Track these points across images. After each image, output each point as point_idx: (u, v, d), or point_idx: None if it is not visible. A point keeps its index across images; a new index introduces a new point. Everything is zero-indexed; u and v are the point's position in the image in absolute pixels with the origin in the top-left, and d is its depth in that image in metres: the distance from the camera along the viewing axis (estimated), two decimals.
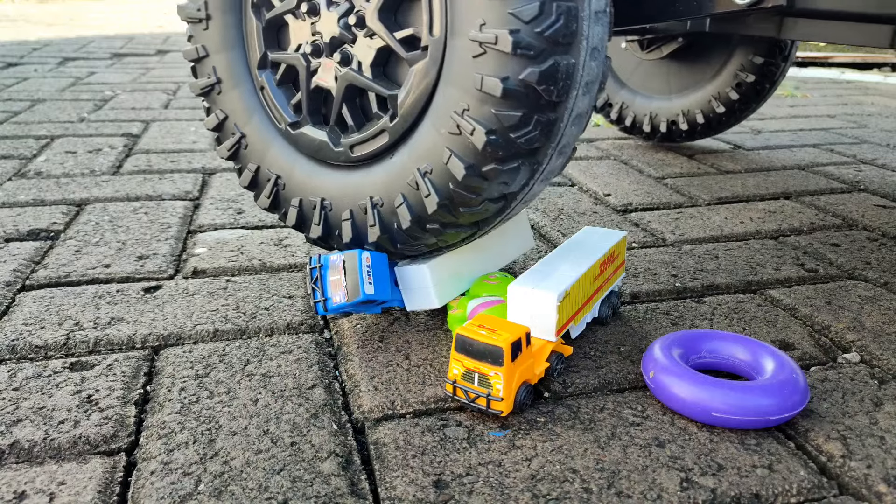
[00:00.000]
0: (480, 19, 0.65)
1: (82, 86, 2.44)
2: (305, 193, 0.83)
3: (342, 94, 0.78)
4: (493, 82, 0.65)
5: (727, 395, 0.63)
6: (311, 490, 0.56)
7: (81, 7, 6.82)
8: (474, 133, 0.68)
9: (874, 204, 1.32)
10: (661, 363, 0.68)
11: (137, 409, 0.67)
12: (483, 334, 0.65)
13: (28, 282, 0.93)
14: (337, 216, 0.81)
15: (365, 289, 0.76)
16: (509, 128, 0.67)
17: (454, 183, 0.71)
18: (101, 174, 1.42)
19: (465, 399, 0.65)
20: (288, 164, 0.85)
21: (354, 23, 0.75)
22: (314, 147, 0.81)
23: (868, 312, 0.88)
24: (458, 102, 0.68)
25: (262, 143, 0.86)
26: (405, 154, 0.74)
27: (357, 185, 0.79)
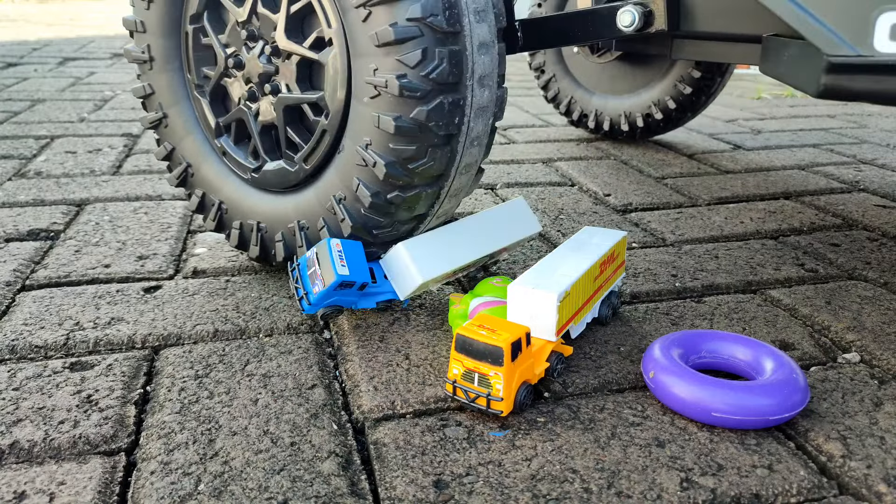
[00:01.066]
0: (373, 65, 0.74)
1: (82, 86, 2.44)
2: (244, 217, 0.93)
3: (283, 118, 0.85)
4: (388, 121, 0.73)
5: (727, 395, 0.63)
6: (311, 490, 0.56)
7: (81, 7, 6.82)
8: (376, 165, 0.76)
9: (874, 204, 1.32)
10: (661, 363, 0.68)
11: (137, 409, 0.67)
12: (483, 334, 0.65)
13: (28, 282, 0.93)
14: (270, 237, 0.91)
15: (338, 270, 0.77)
16: (406, 160, 0.76)
17: (363, 209, 0.80)
18: (101, 174, 1.42)
19: (465, 399, 0.65)
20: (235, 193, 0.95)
21: (270, 52, 0.83)
22: (277, 178, 0.88)
23: (868, 312, 0.88)
24: (363, 137, 0.77)
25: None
26: (332, 174, 0.83)
27: (287, 207, 0.88)
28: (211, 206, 0.96)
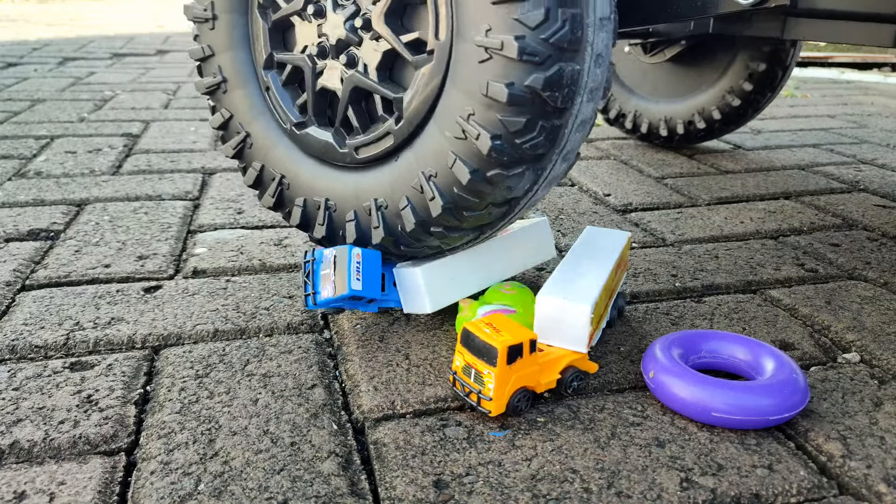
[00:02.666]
0: (486, 24, 0.65)
1: (82, 86, 2.44)
2: (310, 193, 0.84)
3: (348, 96, 0.78)
4: (499, 88, 0.65)
5: (727, 395, 0.63)
6: (311, 490, 0.56)
7: (81, 7, 6.82)
8: (479, 138, 0.68)
9: (874, 204, 1.32)
10: (661, 363, 0.68)
11: (137, 409, 0.67)
12: (486, 332, 0.65)
13: (28, 282, 0.93)
14: (341, 217, 0.82)
15: (352, 284, 0.76)
16: (514, 133, 0.67)
17: (458, 187, 0.71)
18: (101, 174, 1.42)
19: (461, 392, 0.66)
20: (293, 164, 0.86)
21: (360, 25, 0.75)
22: (319, 148, 0.82)
23: (868, 312, 0.88)
24: (464, 107, 0.69)
25: (267, 143, 0.87)
26: (410, 157, 0.75)
27: (361, 186, 0.79)
28: (270, 180, 0.88)
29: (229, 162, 1.54)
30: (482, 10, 0.66)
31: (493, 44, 0.65)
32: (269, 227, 1.15)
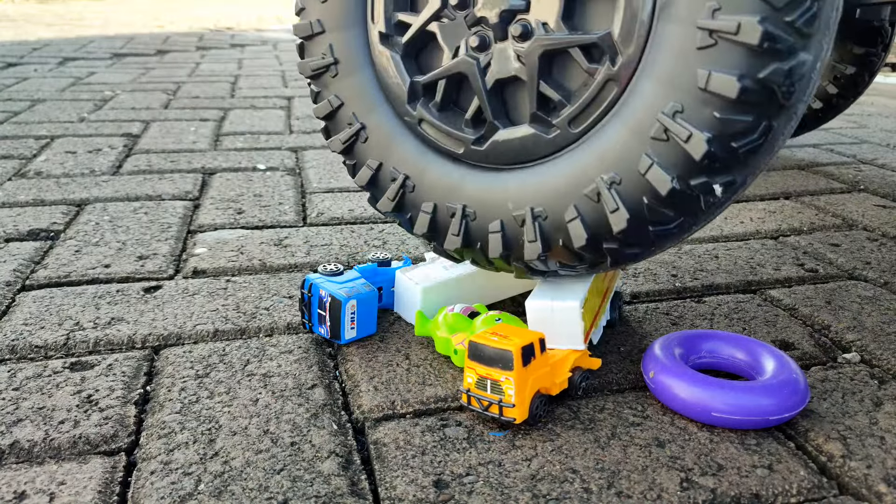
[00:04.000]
0: (714, 1, 0.54)
1: (82, 86, 2.44)
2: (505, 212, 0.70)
3: (537, 69, 0.65)
4: (726, 81, 0.54)
5: (727, 395, 0.63)
6: (311, 490, 0.56)
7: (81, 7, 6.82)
8: (690, 140, 0.57)
9: (874, 204, 1.32)
10: (662, 363, 0.68)
11: (137, 409, 0.67)
12: (495, 340, 0.64)
13: (28, 282, 0.93)
14: (557, 220, 0.66)
15: (346, 334, 0.77)
16: (734, 135, 0.57)
17: (652, 198, 0.61)
18: (101, 174, 1.42)
19: (479, 408, 0.64)
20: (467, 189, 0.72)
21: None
22: (517, 148, 0.68)
23: (868, 312, 0.88)
24: (669, 100, 0.58)
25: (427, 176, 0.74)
26: (632, 107, 0.61)
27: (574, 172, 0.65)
28: (391, 181, 0.76)
29: (229, 162, 1.54)
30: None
31: (724, 27, 0.54)
32: (270, 227, 1.15)
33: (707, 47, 0.55)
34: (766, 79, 0.54)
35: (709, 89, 0.55)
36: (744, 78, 0.54)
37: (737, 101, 0.55)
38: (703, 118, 0.56)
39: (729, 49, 0.54)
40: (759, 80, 0.54)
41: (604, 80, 0.61)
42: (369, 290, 0.78)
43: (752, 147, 0.58)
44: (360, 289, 0.78)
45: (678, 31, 0.56)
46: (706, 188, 0.59)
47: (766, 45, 0.53)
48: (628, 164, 0.60)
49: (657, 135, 0.58)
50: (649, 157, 0.59)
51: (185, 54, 3.39)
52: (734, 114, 0.56)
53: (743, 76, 0.54)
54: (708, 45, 0.55)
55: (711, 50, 0.55)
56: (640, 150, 0.60)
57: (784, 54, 0.54)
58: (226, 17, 5.98)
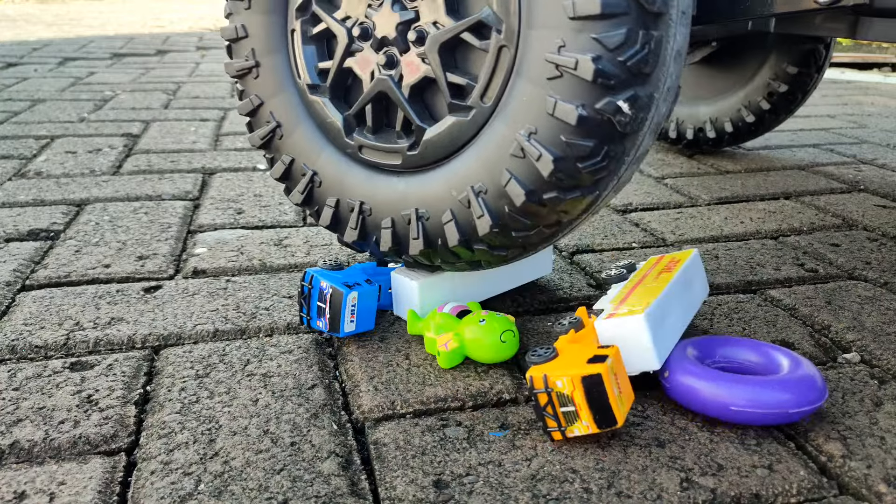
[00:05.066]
0: (559, 40, 0.62)
1: (82, 86, 2.44)
2: (345, 193, 0.81)
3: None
4: (568, 109, 0.63)
5: (746, 389, 0.63)
6: (311, 490, 0.56)
7: (81, 7, 6.82)
8: (540, 159, 0.65)
9: (874, 204, 1.32)
10: (677, 363, 0.67)
11: (137, 409, 0.67)
12: (616, 394, 0.61)
13: (28, 282, 0.93)
14: (436, 222, 0.76)
15: (345, 327, 0.77)
16: (578, 158, 0.65)
17: (510, 208, 0.69)
18: (101, 174, 1.42)
19: (544, 411, 0.62)
20: None
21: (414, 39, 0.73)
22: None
23: (868, 312, 0.88)
24: (526, 123, 0.66)
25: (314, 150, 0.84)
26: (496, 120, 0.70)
27: (451, 178, 0.74)
28: (301, 175, 0.85)
29: (229, 162, 1.54)
30: (555, 24, 0.62)
31: (565, 62, 0.62)
32: (269, 227, 1.15)
33: (555, 78, 0.63)
34: (602, 109, 0.63)
35: (555, 115, 0.64)
36: (582, 107, 0.63)
37: (577, 126, 0.63)
38: (552, 141, 0.65)
39: (570, 81, 0.63)
40: (596, 109, 0.63)
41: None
42: (371, 284, 0.79)
43: (596, 167, 0.66)
44: (361, 283, 0.78)
45: (536, 61, 0.64)
46: (556, 202, 0.68)
47: (600, 80, 0.61)
48: (494, 176, 0.69)
49: (515, 152, 0.67)
50: (508, 172, 0.68)
51: (185, 54, 3.39)
52: (578, 138, 0.64)
53: (582, 105, 0.63)
54: (555, 77, 0.63)
55: (558, 81, 0.63)
56: (503, 165, 0.68)
57: (615, 89, 0.62)
58: None
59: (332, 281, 0.77)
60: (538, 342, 0.80)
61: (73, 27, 4.68)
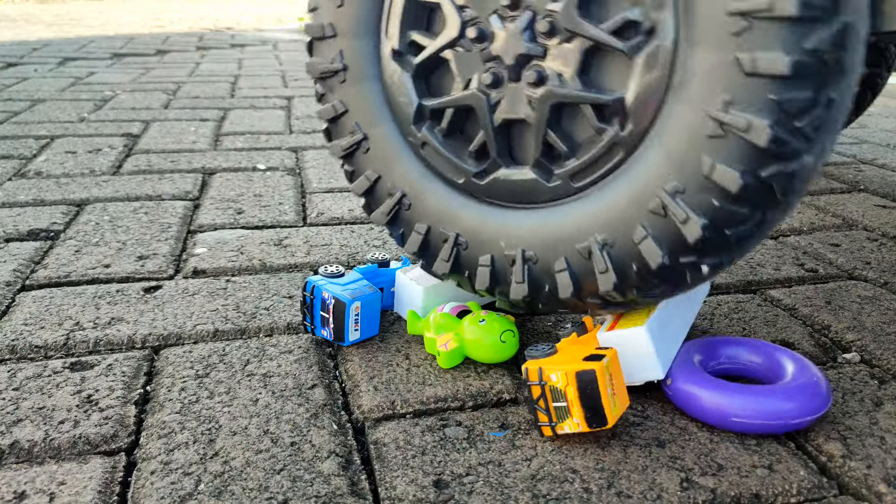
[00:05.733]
0: (728, 95, 0.54)
1: (82, 86, 2.44)
2: (497, 247, 0.70)
3: (546, 117, 0.65)
4: (729, 175, 0.55)
5: (747, 399, 0.62)
6: (311, 490, 0.56)
7: (81, 7, 6.82)
8: (687, 223, 0.58)
9: (874, 204, 1.32)
10: (679, 370, 0.67)
11: (137, 409, 0.67)
12: (609, 395, 0.61)
13: (28, 282, 0.93)
14: (546, 268, 0.67)
15: (350, 336, 0.77)
16: (729, 223, 0.58)
17: (643, 269, 0.61)
18: (101, 174, 1.42)
19: (536, 405, 0.62)
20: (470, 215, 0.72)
21: (547, 30, 0.64)
22: (516, 189, 0.69)
23: (868, 312, 0.88)
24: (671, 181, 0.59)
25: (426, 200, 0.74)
26: (638, 174, 0.61)
27: (571, 224, 0.66)
28: (388, 196, 0.76)
29: (229, 162, 1.54)
30: (727, 79, 0.54)
31: (734, 122, 0.54)
32: (269, 227, 1.15)
33: (716, 137, 0.55)
34: (768, 178, 0.55)
35: (712, 178, 0.56)
36: (745, 174, 0.55)
37: (738, 194, 0.56)
38: (702, 205, 0.57)
39: (735, 144, 0.55)
40: (762, 177, 0.55)
41: (610, 142, 0.62)
42: (372, 291, 0.78)
43: (744, 236, 0.59)
44: (363, 290, 0.78)
45: (691, 116, 0.56)
46: (694, 267, 0.61)
47: (773, 148, 0.54)
48: (623, 231, 0.62)
49: (655, 209, 0.59)
50: (644, 229, 0.60)
51: (185, 54, 3.39)
52: (734, 205, 0.57)
53: (745, 172, 0.55)
54: (717, 136, 0.55)
55: (719, 141, 0.55)
56: (637, 221, 0.61)
57: (787, 158, 0.55)
58: (226, 16, 5.98)
59: (334, 291, 0.76)
60: (538, 342, 0.80)
61: (73, 27, 4.68)
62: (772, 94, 0.53)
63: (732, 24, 0.53)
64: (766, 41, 0.52)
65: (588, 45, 0.62)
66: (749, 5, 0.52)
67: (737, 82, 0.54)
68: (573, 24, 0.61)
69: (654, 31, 0.58)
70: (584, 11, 0.62)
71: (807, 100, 0.53)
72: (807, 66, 0.52)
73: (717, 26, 0.54)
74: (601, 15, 0.61)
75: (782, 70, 0.52)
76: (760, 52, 0.52)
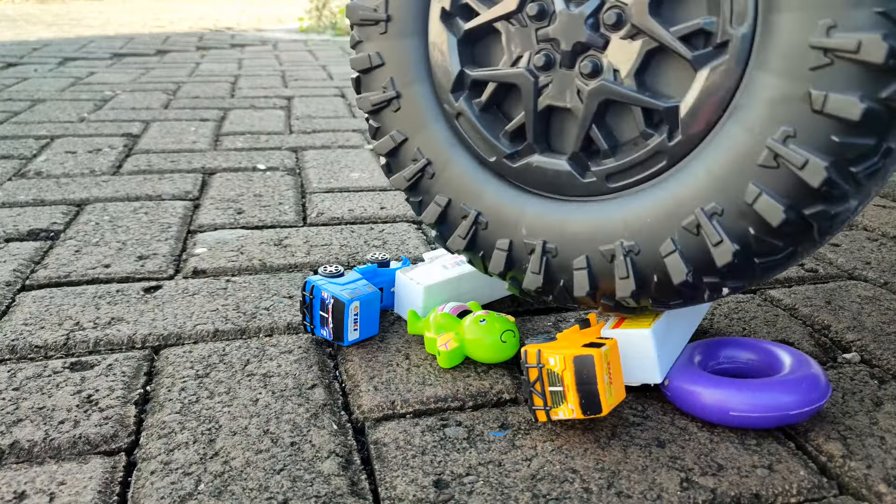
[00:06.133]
0: (789, 126, 0.53)
1: (82, 86, 2.44)
2: (518, 235, 0.69)
3: (593, 112, 0.63)
4: (773, 208, 0.54)
5: (744, 392, 0.62)
6: (311, 490, 0.56)
7: (81, 7, 6.82)
8: (720, 246, 0.57)
9: (874, 204, 1.32)
10: (676, 369, 0.67)
11: (137, 409, 0.67)
12: (606, 383, 0.61)
13: (28, 282, 0.93)
14: (564, 263, 0.66)
15: (349, 336, 0.77)
16: (766, 252, 0.57)
17: (663, 288, 0.61)
18: (101, 174, 1.42)
19: (533, 389, 0.62)
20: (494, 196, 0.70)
21: (613, 22, 0.60)
22: (547, 178, 0.67)
23: (868, 312, 0.88)
24: (712, 201, 0.57)
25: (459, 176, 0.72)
26: (679, 185, 0.59)
27: (599, 224, 0.64)
28: (411, 161, 0.73)
29: (229, 162, 1.54)
30: (794, 113, 0.52)
31: (790, 156, 0.52)
32: (269, 227, 1.15)
33: (769, 168, 0.54)
34: (812, 216, 0.55)
35: (755, 207, 0.55)
36: (790, 210, 0.54)
37: (778, 228, 0.55)
38: (739, 231, 0.56)
39: (786, 177, 0.54)
40: (804, 215, 0.54)
41: (655, 149, 0.60)
42: (372, 291, 0.78)
43: (771, 265, 0.58)
44: (362, 290, 0.78)
45: (745, 140, 0.55)
46: (715, 287, 0.60)
47: (827, 188, 0.53)
48: (651, 241, 0.60)
49: (689, 226, 0.58)
50: (676, 244, 0.59)
51: (185, 54, 3.39)
52: (772, 238, 0.56)
53: (790, 208, 0.54)
54: (770, 167, 0.54)
55: (771, 172, 0.54)
56: (667, 234, 0.59)
57: (837, 199, 0.54)
58: (226, 16, 5.98)
59: (333, 290, 0.76)
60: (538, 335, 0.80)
61: (73, 27, 4.68)
62: (835, 136, 0.51)
63: (812, 58, 0.51)
64: (843, 82, 0.51)
65: (652, 45, 0.59)
66: (835, 43, 0.50)
67: (802, 117, 0.52)
68: (642, 20, 0.59)
69: (726, 45, 0.55)
70: (656, 10, 0.59)
71: (867, 147, 0.52)
72: (876, 115, 0.51)
73: (795, 56, 0.52)
74: (673, 18, 0.59)
75: (853, 115, 0.50)
76: (834, 93, 0.51)
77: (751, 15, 0.54)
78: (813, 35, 0.51)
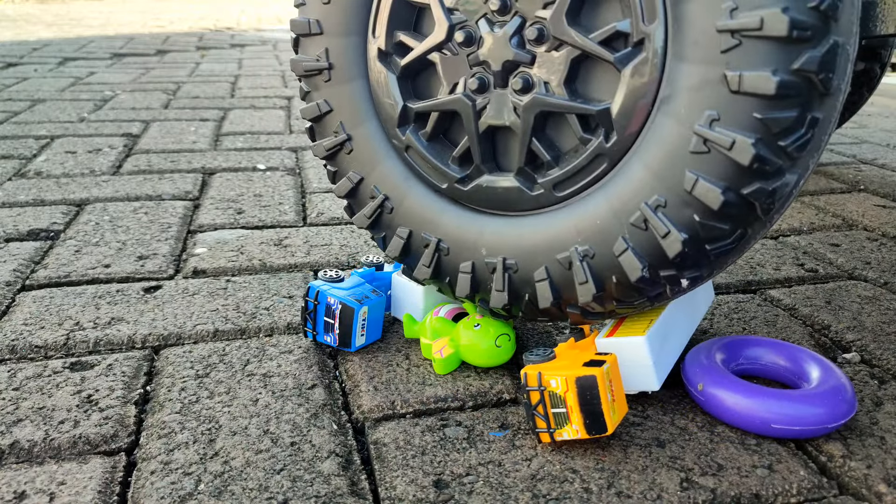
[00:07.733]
0: (713, 111, 0.54)
1: (82, 86, 2.44)
2: (478, 254, 0.70)
3: (531, 126, 0.65)
4: (710, 191, 0.55)
5: (784, 405, 0.62)
6: (311, 490, 0.56)
7: (81, 7, 6.82)
8: (667, 237, 0.58)
9: (874, 204, 1.32)
10: (711, 375, 0.66)
11: (137, 409, 0.67)
12: (609, 401, 0.60)
13: (28, 282, 0.93)
14: (526, 277, 0.67)
15: (356, 341, 0.76)
16: (707, 240, 0.58)
17: (618, 285, 0.62)
18: (101, 174, 1.42)
19: (535, 411, 0.62)
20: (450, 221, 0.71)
21: (535, 37, 0.63)
22: (499, 197, 0.68)
23: (868, 312, 0.88)
24: (654, 193, 0.58)
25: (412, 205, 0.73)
26: (621, 185, 0.61)
27: (552, 234, 0.65)
28: (370, 199, 0.74)
29: (229, 162, 1.54)
30: (714, 95, 0.54)
31: (719, 140, 0.54)
32: (269, 227, 1.15)
33: (700, 154, 0.55)
34: (747, 196, 0.56)
35: (693, 193, 0.56)
36: (728, 192, 0.55)
37: (719, 211, 0.56)
38: (682, 220, 0.57)
39: (718, 160, 0.55)
40: (741, 195, 0.55)
41: (594, 153, 0.62)
42: (378, 296, 0.78)
43: (721, 252, 0.59)
44: (368, 295, 0.78)
45: (675, 130, 0.56)
46: (674, 280, 0.61)
47: (756, 166, 0.54)
48: (604, 242, 0.61)
49: (637, 222, 0.59)
50: (625, 241, 0.60)
51: (185, 54, 3.39)
52: (714, 220, 0.57)
53: (727, 190, 0.55)
54: (701, 152, 0.55)
55: (703, 157, 0.55)
56: (618, 233, 0.60)
57: (768, 176, 0.55)
58: (226, 16, 5.98)
59: (340, 296, 0.76)
60: (535, 344, 0.80)
61: (73, 27, 4.68)
62: (757, 113, 0.53)
63: (722, 42, 0.53)
64: (754, 60, 0.52)
65: (576, 54, 0.61)
66: (739, 23, 0.52)
67: (723, 99, 0.54)
68: (562, 31, 0.61)
69: (643, 43, 0.57)
70: (574, 20, 0.61)
71: (791, 119, 0.53)
72: (793, 86, 0.52)
73: (706, 42, 0.54)
74: (591, 24, 0.61)
75: (768, 89, 0.51)
76: (748, 71, 0.52)
77: (660, 10, 0.56)
78: (719, 19, 0.53)
